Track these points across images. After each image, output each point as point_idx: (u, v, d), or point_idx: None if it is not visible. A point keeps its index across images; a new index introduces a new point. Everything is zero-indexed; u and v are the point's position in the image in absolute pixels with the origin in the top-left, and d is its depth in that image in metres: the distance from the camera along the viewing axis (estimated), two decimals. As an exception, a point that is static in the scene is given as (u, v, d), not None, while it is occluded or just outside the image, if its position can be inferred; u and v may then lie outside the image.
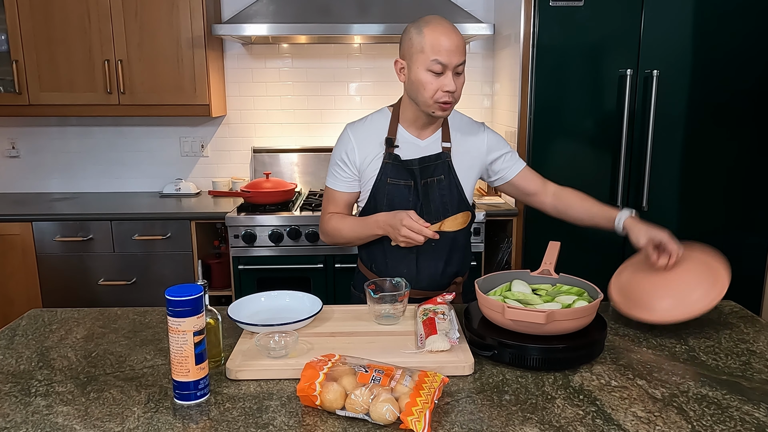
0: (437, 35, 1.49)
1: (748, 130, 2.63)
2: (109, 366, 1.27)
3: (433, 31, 1.50)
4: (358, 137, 1.66)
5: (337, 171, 1.69)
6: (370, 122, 1.69)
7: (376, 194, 1.65)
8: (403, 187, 1.63)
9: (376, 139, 1.64)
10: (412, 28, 1.54)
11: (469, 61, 3.27)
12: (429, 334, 1.28)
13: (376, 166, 1.64)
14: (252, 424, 1.04)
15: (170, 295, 1.07)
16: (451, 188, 1.65)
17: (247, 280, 2.73)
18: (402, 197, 1.63)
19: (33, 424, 1.05)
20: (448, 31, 1.50)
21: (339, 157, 1.67)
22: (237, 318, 1.37)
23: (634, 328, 1.46)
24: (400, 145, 1.64)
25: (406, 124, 1.65)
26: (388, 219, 1.53)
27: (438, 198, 1.64)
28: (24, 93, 2.93)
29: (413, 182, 1.63)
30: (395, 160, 1.62)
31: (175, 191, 3.22)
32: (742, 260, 2.73)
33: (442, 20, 1.53)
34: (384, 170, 1.63)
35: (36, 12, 2.86)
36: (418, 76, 1.52)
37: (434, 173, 1.64)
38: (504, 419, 1.06)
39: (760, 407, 1.09)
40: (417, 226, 1.44)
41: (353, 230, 1.65)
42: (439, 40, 1.48)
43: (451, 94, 1.52)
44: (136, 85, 2.93)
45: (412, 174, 1.62)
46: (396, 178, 1.63)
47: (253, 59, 3.25)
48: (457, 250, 1.70)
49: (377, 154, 1.64)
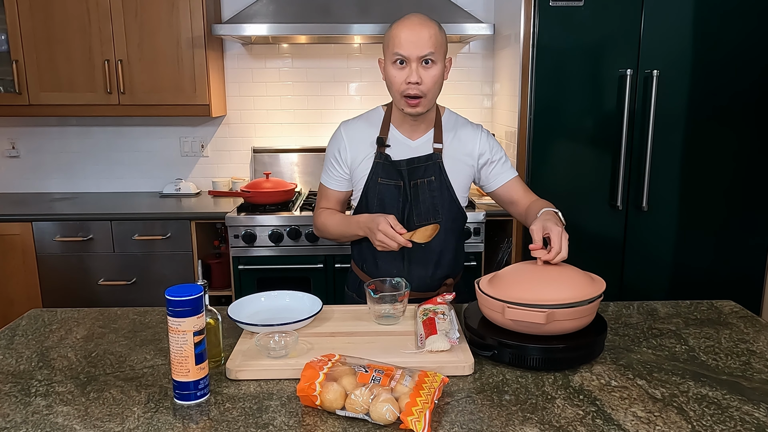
0: (400, 29, 1.51)
1: (748, 130, 2.63)
2: (109, 366, 1.27)
3: (398, 26, 1.52)
4: (351, 136, 1.67)
5: (329, 169, 1.71)
6: (363, 121, 1.69)
7: (367, 193, 1.65)
8: (393, 187, 1.63)
9: (368, 138, 1.65)
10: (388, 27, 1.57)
11: (468, 60, 3.29)
12: (429, 334, 1.28)
13: (368, 165, 1.64)
14: (252, 424, 1.04)
15: (170, 295, 1.07)
16: (441, 190, 1.64)
17: (247, 280, 2.73)
18: (392, 197, 1.63)
19: (33, 424, 1.05)
20: (412, 24, 1.51)
21: (332, 155, 1.69)
22: (237, 318, 1.37)
23: (634, 329, 1.46)
24: (392, 145, 1.64)
25: (397, 124, 1.65)
26: (367, 221, 1.55)
27: (428, 199, 1.63)
28: (24, 93, 2.93)
29: (402, 183, 1.63)
30: (386, 160, 1.63)
31: (175, 191, 3.22)
32: (742, 260, 2.73)
33: (413, 15, 1.54)
34: (375, 170, 1.64)
35: (36, 12, 2.86)
36: (387, 71, 1.56)
37: (424, 174, 1.63)
38: (504, 419, 1.06)
39: (760, 407, 1.09)
40: (391, 232, 1.46)
41: (338, 228, 1.68)
42: (401, 33, 1.50)
43: (418, 86, 1.50)
44: (136, 85, 2.93)
45: (401, 174, 1.63)
46: (386, 178, 1.63)
47: (253, 59, 3.25)
48: (448, 252, 1.70)
49: (369, 154, 1.64)
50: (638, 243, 2.69)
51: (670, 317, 1.53)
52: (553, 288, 1.26)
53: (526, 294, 1.25)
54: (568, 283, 1.28)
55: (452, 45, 3.24)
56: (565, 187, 2.65)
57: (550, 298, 1.23)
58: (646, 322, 1.50)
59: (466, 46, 3.26)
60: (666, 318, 1.52)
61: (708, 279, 2.74)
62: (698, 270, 2.74)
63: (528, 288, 1.27)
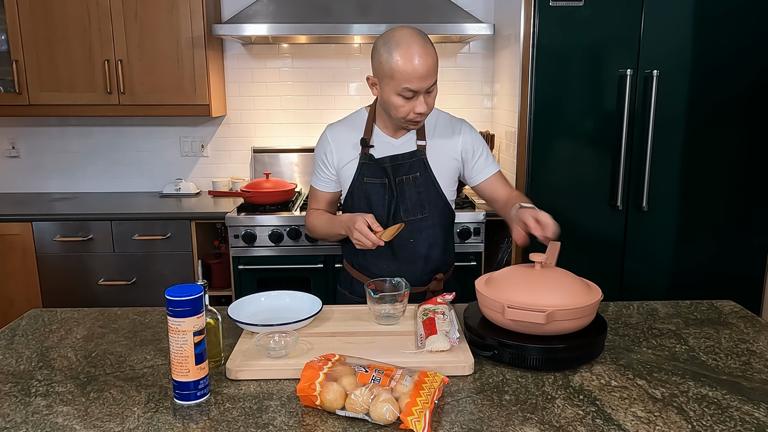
0: (408, 61, 1.45)
1: (747, 130, 2.63)
2: (109, 366, 1.27)
3: (403, 56, 1.45)
4: (336, 139, 1.70)
5: (317, 171, 1.76)
6: (347, 123, 1.73)
7: (354, 193, 1.69)
8: (379, 185, 1.66)
9: (352, 140, 1.68)
10: (382, 48, 1.49)
11: (468, 61, 3.29)
12: (429, 334, 1.28)
13: (353, 166, 1.68)
14: (252, 424, 1.04)
15: (170, 295, 1.07)
16: (427, 185, 1.67)
17: (247, 280, 2.73)
18: (378, 195, 1.67)
19: (33, 424, 1.05)
20: (419, 55, 1.45)
21: (319, 159, 1.74)
22: (237, 318, 1.37)
23: (634, 329, 1.46)
24: (375, 145, 1.67)
25: (382, 125, 1.68)
26: (347, 221, 1.58)
27: (415, 195, 1.66)
28: (24, 93, 2.93)
29: (387, 180, 1.65)
30: (370, 160, 1.66)
31: (175, 191, 3.21)
32: (742, 260, 2.73)
33: (413, 40, 1.47)
34: (360, 170, 1.67)
35: (36, 12, 2.86)
36: (390, 99, 1.53)
37: (409, 171, 1.66)
38: (504, 419, 1.06)
39: (760, 407, 1.09)
40: (365, 230, 1.50)
41: (324, 227, 1.73)
42: (409, 68, 1.45)
43: (422, 114, 1.55)
44: (136, 85, 2.93)
45: (385, 172, 1.65)
46: (372, 177, 1.66)
47: (253, 59, 3.25)
48: (437, 247, 1.72)
49: (354, 156, 1.68)
50: (638, 243, 2.69)
51: (670, 317, 1.53)
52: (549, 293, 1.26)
53: (522, 299, 1.25)
54: (564, 289, 1.28)
55: (452, 45, 3.24)
56: (565, 187, 2.65)
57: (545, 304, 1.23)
58: (646, 322, 1.50)
59: (466, 46, 3.26)
60: (666, 318, 1.52)
61: (708, 279, 2.74)
62: (698, 270, 2.73)
63: (523, 292, 1.27)
